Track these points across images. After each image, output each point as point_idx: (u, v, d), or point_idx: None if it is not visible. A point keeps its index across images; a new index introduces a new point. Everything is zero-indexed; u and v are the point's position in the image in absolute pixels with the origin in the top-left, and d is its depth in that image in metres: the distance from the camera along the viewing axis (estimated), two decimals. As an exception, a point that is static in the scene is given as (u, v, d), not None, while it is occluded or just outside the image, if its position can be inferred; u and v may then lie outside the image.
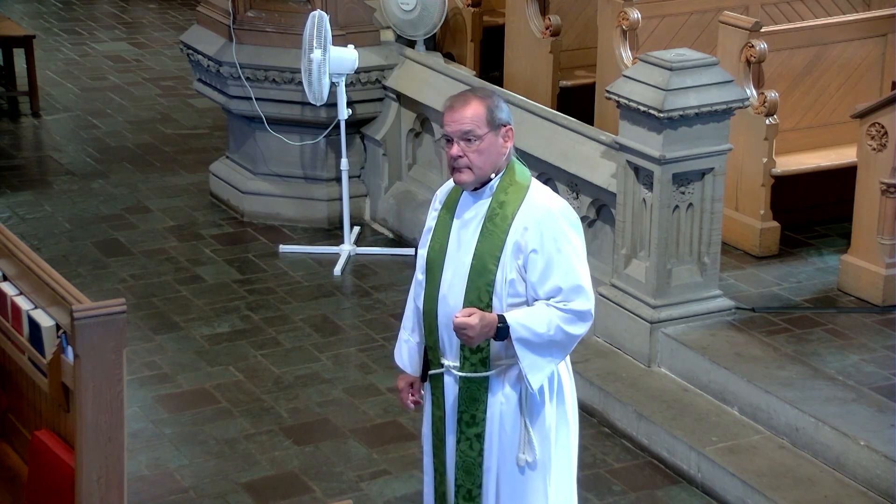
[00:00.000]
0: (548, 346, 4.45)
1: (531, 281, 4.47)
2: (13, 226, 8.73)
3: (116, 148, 10.36)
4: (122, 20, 13.94)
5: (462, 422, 4.62)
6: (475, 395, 4.58)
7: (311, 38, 8.03)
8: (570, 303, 4.45)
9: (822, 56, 7.92)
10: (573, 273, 4.46)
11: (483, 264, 4.49)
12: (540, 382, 4.51)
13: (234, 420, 6.72)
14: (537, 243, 4.46)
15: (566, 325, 4.45)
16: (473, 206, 4.58)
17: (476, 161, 4.48)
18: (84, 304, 3.95)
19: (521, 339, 4.44)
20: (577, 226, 4.55)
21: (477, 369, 4.56)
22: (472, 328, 4.38)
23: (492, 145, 4.48)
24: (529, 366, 4.47)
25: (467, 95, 4.53)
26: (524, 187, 4.54)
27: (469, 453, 4.64)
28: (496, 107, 4.48)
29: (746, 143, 7.57)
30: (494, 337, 4.46)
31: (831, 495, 5.80)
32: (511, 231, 4.48)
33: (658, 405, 6.51)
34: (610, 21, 8.31)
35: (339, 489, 6.14)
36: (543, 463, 4.63)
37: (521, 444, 4.60)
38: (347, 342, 7.46)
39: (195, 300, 7.93)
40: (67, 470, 4.16)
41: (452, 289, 4.55)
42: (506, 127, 4.50)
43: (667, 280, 6.81)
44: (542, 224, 4.47)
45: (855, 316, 7.00)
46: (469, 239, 4.55)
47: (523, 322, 4.44)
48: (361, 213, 8.98)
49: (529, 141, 7.62)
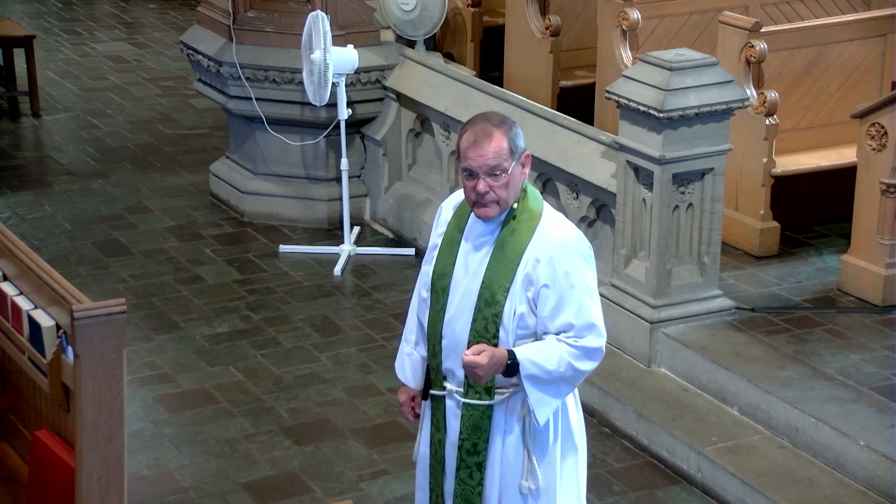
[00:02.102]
0: (556, 381, 4.37)
1: (542, 316, 4.37)
2: (13, 226, 8.73)
3: (116, 148, 10.36)
4: (122, 20, 13.94)
5: (463, 449, 4.52)
6: (478, 423, 4.49)
7: (311, 38, 8.03)
8: (581, 339, 4.36)
9: (822, 56, 7.92)
10: (585, 310, 4.36)
11: (491, 294, 4.39)
12: (546, 417, 4.43)
13: (234, 420, 6.72)
14: (549, 278, 4.35)
15: (576, 362, 4.36)
16: (484, 230, 4.46)
17: (502, 195, 4.36)
18: (84, 304, 3.95)
19: (530, 377, 4.35)
20: (590, 259, 4.43)
21: (482, 397, 4.46)
22: (482, 367, 4.28)
23: (515, 176, 4.38)
24: (537, 401, 4.38)
25: (488, 128, 4.35)
26: (537, 215, 4.43)
27: (469, 482, 4.54)
28: (516, 135, 4.37)
29: (746, 143, 7.57)
30: (504, 373, 4.37)
31: (831, 495, 5.81)
32: (522, 262, 4.38)
33: (658, 405, 6.51)
34: (610, 21, 8.31)
35: (339, 489, 6.14)
36: (547, 491, 4.54)
37: (523, 471, 4.51)
38: (347, 342, 7.46)
39: (195, 300, 7.93)
40: (67, 470, 4.16)
41: (459, 315, 4.45)
42: (524, 154, 4.41)
43: (667, 280, 6.81)
44: (555, 258, 4.35)
45: (855, 316, 7.00)
46: (477, 265, 4.44)
47: (533, 359, 4.34)
48: (361, 213, 8.98)
49: (529, 141, 7.58)
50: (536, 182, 7.61)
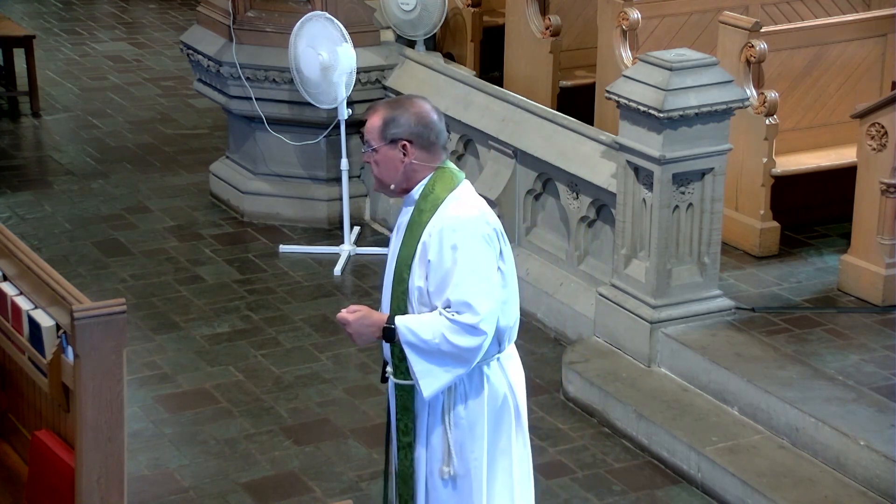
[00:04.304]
0: (438, 354, 4.41)
1: (430, 290, 4.45)
2: (13, 226, 8.73)
3: (116, 148, 10.36)
4: (122, 20, 13.94)
5: (399, 430, 4.63)
6: (406, 403, 4.58)
7: (314, 39, 8.05)
8: (459, 315, 4.39)
9: (822, 56, 7.92)
10: (463, 287, 4.38)
11: (400, 272, 4.51)
12: (433, 390, 4.45)
13: (234, 420, 6.72)
14: (435, 253, 4.43)
15: (451, 336, 4.38)
16: (402, 214, 4.62)
17: (376, 172, 4.59)
18: (84, 304, 3.95)
19: (409, 344, 4.43)
20: (486, 238, 4.45)
21: (406, 377, 4.53)
22: (349, 325, 4.47)
23: (388, 159, 4.53)
24: (421, 371, 4.43)
25: (377, 106, 4.60)
26: (442, 197, 4.50)
27: (404, 461, 4.63)
28: (395, 121, 4.50)
29: (746, 143, 7.58)
30: (384, 338, 4.47)
31: (831, 495, 5.81)
32: (421, 239, 4.48)
33: (658, 405, 6.51)
34: (610, 21, 8.31)
35: (339, 489, 6.14)
36: (467, 480, 4.57)
37: (443, 456, 4.57)
38: (347, 342, 7.45)
39: (195, 300, 7.93)
40: (67, 470, 4.16)
41: (385, 295, 4.60)
42: (402, 142, 4.51)
43: (667, 280, 6.81)
44: (443, 234, 4.43)
45: (855, 316, 7.00)
46: (394, 247, 4.60)
47: (411, 326, 4.42)
48: (361, 213, 8.98)
49: (529, 141, 7.63)
50: (536, 181, 7.62)
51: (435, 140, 4.54)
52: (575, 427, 6.67)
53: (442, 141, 4.56)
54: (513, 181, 7.71)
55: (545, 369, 7.10)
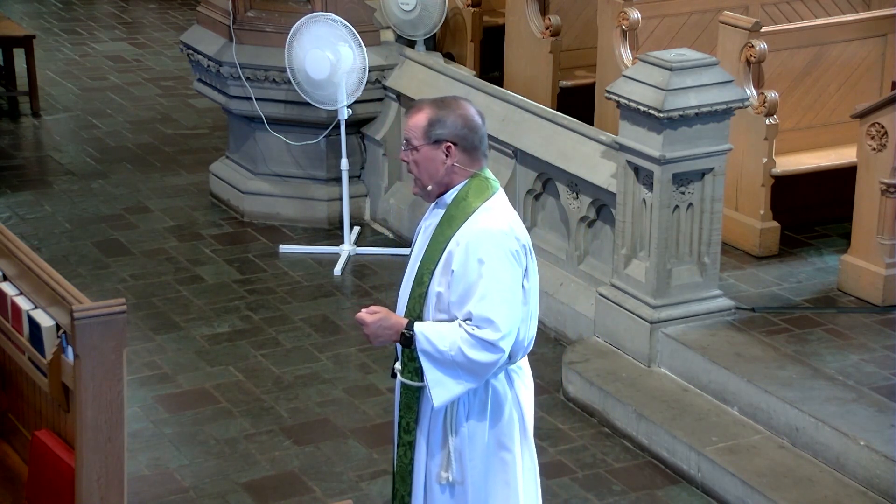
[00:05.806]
0: (451, 366, 4.38)
1: (451, 301, 4.41)
2: (13, 226, 8.73)
3: (116, 148, 10.36)
4: (122, 20, 13.94)
5: (401, 427, 4.62)
6: (410, 403, 4.57)
7: (318, 40, 8.06)
8: (479, 330, 4.35)
9: (822, 56, 7.92)
10: (486, 302, 4.34)
11: (421, 275, 4.47)
12: (443, 400, 4.43)
13: (234, 420, 6.72)
14: (461, 264, 4.38)
15: (468, 350, 4.35)
16: (430, 216, 4.57)
17: (415, 171, 4.49)
18: (84, 304, 3.95)
19: (424, 352, 4.39)
20: (514, 254, 4.41)
21: (413, 378, 4.52)
22: (367, 326, 4.42)
23: (428, 159, 4.44)
24: (433, 381, 4.40)
25: (422, 105, 4.50)
26: (475, 206, 4.44)
27: (403, 459, 4.62)
28: (441, 121, 4.42)
29: (746, 143, 7.58)
30: (401, 343, 4.44)
31: (831, 495, 5.81)
32: (447, 246, 4.43)
33: (658, 405, 6.51)
34: (610, 21, 8.31)
35: (339, 489, 6.14)
36: (465, 488, 4.55)
37: (443, 461, 4.55)
38: (347, 342, 7.46)
39: (195, 300, 7.93)
40: (67, 470, 4.16)
41: (403, 294, 4.57)
42: (446, 144, 4.43)
43: (667, 280, 6.81)
44: (471, 245, 4.38)
45: (855, 316, 7.00)
46: (420, 248, 4.55)
47: (428, 335, 4.39)
48: (361, 213, 8.98)
49: (529, 141, 7.62)
50: (536, 181, 7.62)
51: (478, 145, 4.48)
52: (575, 427, 6.67)
53: (484, 147, 4.50)
54: (513, 181, 7.71)
55: (545, 369, 7.09)
